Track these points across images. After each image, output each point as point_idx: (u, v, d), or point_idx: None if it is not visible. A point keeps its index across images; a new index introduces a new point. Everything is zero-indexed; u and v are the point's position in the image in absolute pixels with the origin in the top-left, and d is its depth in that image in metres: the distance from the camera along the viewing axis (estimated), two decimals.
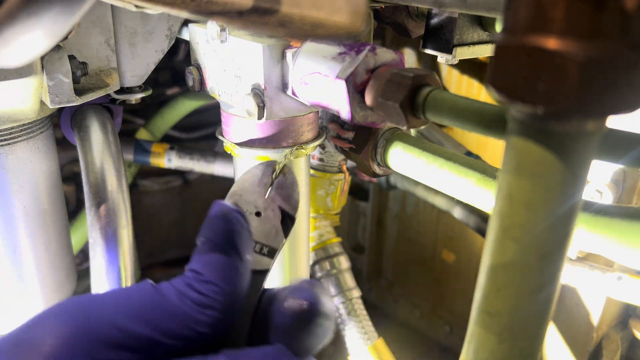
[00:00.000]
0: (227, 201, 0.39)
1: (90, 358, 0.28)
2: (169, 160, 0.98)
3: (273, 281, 0.65)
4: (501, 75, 0.24)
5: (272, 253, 0.40)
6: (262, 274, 0.38)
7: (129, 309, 0.30)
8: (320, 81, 0.49)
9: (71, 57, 0.57)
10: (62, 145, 0.89)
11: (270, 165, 0.44)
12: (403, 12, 0.69)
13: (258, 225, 0.40)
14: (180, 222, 1.30)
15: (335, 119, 0.68)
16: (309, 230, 0.70)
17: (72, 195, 1.11)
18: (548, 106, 0.22)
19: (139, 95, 0.69)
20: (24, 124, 0.59)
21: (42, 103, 0.59)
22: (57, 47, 0.55)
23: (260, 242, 0.40)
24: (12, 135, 0.58)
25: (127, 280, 0.60)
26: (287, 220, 0.42)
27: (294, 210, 0.42)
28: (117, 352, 0.29)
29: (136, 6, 0.36)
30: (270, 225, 0.41)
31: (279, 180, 0.43)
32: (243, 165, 0.62)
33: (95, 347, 0.29)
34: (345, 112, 0.47)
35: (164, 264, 1.31)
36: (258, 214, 0.41)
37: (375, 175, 0.66)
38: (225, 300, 0.32)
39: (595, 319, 0.82)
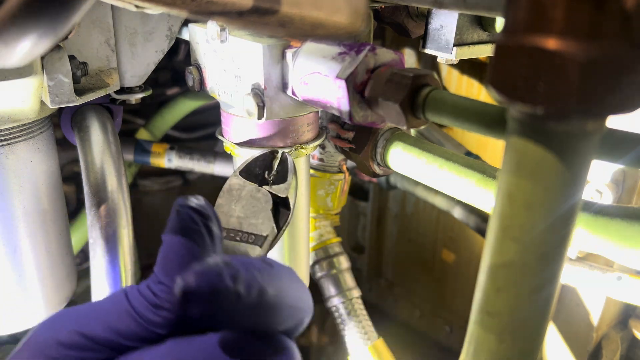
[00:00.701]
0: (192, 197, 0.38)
1: (44, 355, 0.31)
2: (169, 160, 0.98)
3: None
4: (501, 75, 0.24)
5: (259, 240, 0.39)
6: None
7: (97, 315, 0.32)
8: (320, 81, 0.49)
9: (71, 57, 0.57)
10: (62, 145, 0.89)
11: (265, 155, 0.44)
12: (403, 12, 0.69)
13: (242, 214, 0.40)
14: None
15: (335, 119, 0.68)
16: (309, 230, 0.70)
17: (72, 195, 1.11)
18: (548, 106, 0.22)
19: (139, 95, 0.69)
20: (24, 124, 0.59)
21: (42, 103, 0.59)
22: (57, 47, 0.55)
23: (243, 230, 0.39)
24: (12, 135, 0.58)
25: (127, 280, 0.60)
26: (280, 207, 0.41)
27: (284, 194, 0.42)
28: (71, 351, 0.31)
29: (136, 6, 0.36)
30: (260, 212, 0.40)
31: (276, 169, 0.43)
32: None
33: (54, 349, 0.31)
34: (345, 112, 0.47)
35: None
36: (248, 204, 0.40)
37: (375, 175, 0.66)
38: (177, 301, 0.31)
39: (595, 319, 0.83)
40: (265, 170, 0.44)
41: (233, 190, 0.42)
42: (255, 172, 0.43)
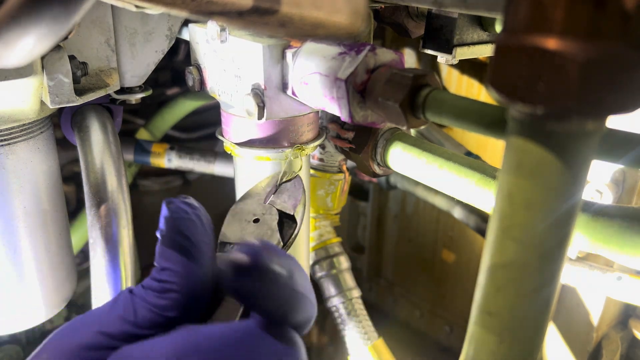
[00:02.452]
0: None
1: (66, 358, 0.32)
2: (169, 160, 0.98)
3: None
4: (501, 75, 0.24)
5: None
6: None
7: (109, 315, 0.34)
8: (320, 81, 0.49)
9: (71, 57, 0.57)
10: (62, 145, 0.89)
11: (276, 175, 0.44)
12: (403, 12, 0.69)
13: (254, 230, 0.40)
14: None
15: (335, 119, 0.68)
16: (309, 230, 0.70)
17: (72, 195, 1.11)
18: (548, 106, 0.22)
19: (139, 96, 0.69)
20: (24, 124, 0.59)
21: (42, 103, 0.59)
22: (57, 47, 0.55)
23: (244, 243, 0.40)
24: (12, 135, 0.58)
25: (127, 280, 0.60)
26: (285, 221, 0.42)
27: (290, 211, 0.42)
28: (95, 352, 0.32)
29: (136, 6, 0.36)
30: (266, 227, 0.41)
31: (284, 186, 0.43)
32: (243, 165, 0.62)
33: (76, 351, 0.32)
34: (345, 112, 0.47)
35: None
36: (256, 220, 0.41)
37: (375, 175, 0.66)
38: (182, 281, 0.33)
39: (595, 319, 0.83)
40: (274, 187, 0.45)
41: (237, 214, 0.43)
42: (266, 190, 0.44)
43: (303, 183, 0.44)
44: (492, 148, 1.14)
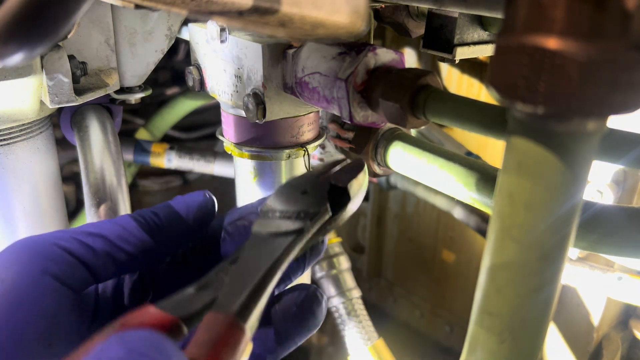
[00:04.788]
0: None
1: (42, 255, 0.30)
2: (169, 160, 0.98)
3: None
4: (501, 75, 0.23)
5: (308, 216, 0.37)
6: (290, 235, 0.35)
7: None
8: (320, 81, 0.49)
9: (71, 57, 0.57)
10: (62, 145, 0.89)
11: (336, 161, 0.43)
12: (403, 12, 0.69)
13: (299, 199, 0.39)
14: None
15: (335, 119, 0.68)
16: None
17: (72, 195, 1.11)
18: (548, 106, 0.22)
19: (139, 95, 0.69)
20: (23, 124, 0.59)
21: (41, 103, 0.59)
22: (57, 47, 0.55)
23: (296, 210, 0.38)
24: (11, 135, 0.58)
25: None
26: (336, 193, 0.40)
27: (344, 184, 0.40)
28: (72, 257, 0.31)
29: (136, 6, 0.36)
30: (313, 197, 0.39)
31: (344, 165, 0.42)
32: (243, 165, 0.62)
33: (53, 249, 0.31)
34: (345, 112, 0.47)
35: None
36: (304, 192, 0.39)
37: (375, 175, 0.65)
38: (154, 225, 0.34)
39: (595, 319, 0.83)
40: (332, 165, 0.43)
41: (285, 187, 0.41)
42: (320, 170, 0.42)
43: (362, 164, 0.42)
44: (492, 148, 1.14)
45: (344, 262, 0.85)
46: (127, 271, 0.34)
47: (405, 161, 0.59)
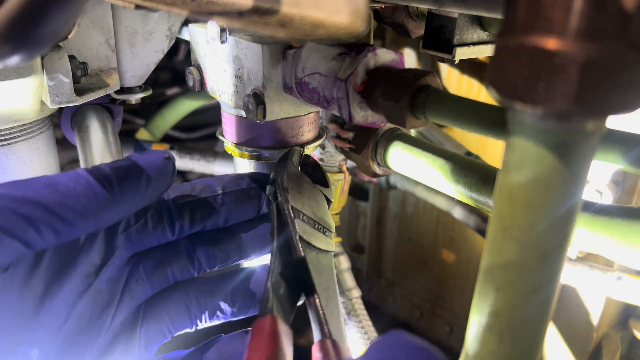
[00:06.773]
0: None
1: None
2: None
3: None
4: (501, 75, 0.24)
5: (329, 235, 0.41)
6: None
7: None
8: (320, 81, 0.49)
9: (71, 57, 0.57)
10: (62, 145, 0.89)
11: (298, 152, 0.47)
12: (403, 12, 0.69)
13: (309, 204, 0.42)
14: None
15: (335, 119, 0.68)
16: None
17: None
18: (548, 106, 0.22)
19: (139, 95, 0.69)
20: (24, 124, 0.59)
21: (42, 103, 0.59)
22: (57, 47, 0.55)
23: (317, 220, 0.42)
24: (12, 135, 0.58)
25: None
26: (308, 166, 0.46)
27: (331, 197, 0.46)
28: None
29: (136, 6, 0.36)
30: (321, 208, 0.42)
31: (314, 171, 0.45)
32: (243, 165, 0.62)
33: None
34: (345, 113, 0.47)
35: None
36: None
37: (375, 175, 0.66)
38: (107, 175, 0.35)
39: (595, 319, 0.83)
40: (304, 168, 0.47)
41: (296, 178, 0.43)
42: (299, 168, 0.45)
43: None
44: (492, 148, 1.14)
45: (343, 262, 0.85)
46: (79, 230, 0.34)
47: (405, 161, 0.59)
